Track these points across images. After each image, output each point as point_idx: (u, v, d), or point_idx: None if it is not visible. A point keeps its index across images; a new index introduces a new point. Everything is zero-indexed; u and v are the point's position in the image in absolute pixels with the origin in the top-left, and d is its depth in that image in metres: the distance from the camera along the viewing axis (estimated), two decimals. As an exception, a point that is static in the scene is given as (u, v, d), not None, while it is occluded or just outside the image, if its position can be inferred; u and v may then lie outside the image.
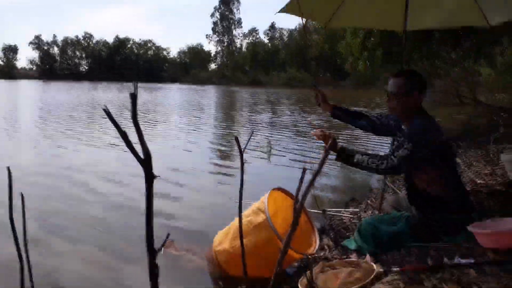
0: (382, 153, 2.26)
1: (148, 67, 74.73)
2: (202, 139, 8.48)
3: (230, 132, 9.95)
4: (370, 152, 2.48)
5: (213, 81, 57.36)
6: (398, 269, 1.86)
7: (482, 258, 1.85)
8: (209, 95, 29.13)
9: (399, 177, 4.11)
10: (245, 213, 2.36)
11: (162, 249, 2.47)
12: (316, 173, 1.78)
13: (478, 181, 3.73)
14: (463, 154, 5.59)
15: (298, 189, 1.63)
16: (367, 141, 8.00)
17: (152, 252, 1.06)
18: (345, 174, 5.65)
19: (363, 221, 2.48)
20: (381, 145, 7.32)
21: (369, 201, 3.63)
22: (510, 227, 1.97)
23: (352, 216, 3.16)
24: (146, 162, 1.02)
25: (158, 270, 1.09)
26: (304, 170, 1.68)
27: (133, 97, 1.01)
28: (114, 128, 0.70)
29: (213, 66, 74.62)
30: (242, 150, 1.85)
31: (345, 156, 2.25)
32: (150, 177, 1.03)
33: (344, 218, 3.15)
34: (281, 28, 70.59)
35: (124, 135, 0.99)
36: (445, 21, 3.95)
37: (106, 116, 0.69)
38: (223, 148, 7.62)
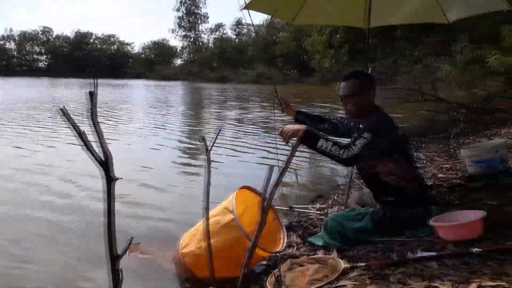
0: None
1: (111, 63, 72.30)
2: (171, 138, 8.29)
3: (199, 129, 9.84)
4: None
5: (179, 77, 56.37)
6: (364, 264, 1.89)
7: (443, 251, 1.91)
8: (177, 91, 28.70)
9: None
10: (212, 212, 2.33)
11: (127, 252, 2.39)
12: (283, 171, 1.78)
13: (439, 175, 3.86)
14: (426, 149, 5.78)
15: (265, 188, 1.62)
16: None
17: (113, 258, 1.02)
18: (312, 170, 5.71)
19: (328, 218, 2.51)
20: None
21: (335, 197, 3.68)
22: (468, 220, 2.05)
23: (319, 212, 3.18)
24: (105, 164, 0.98)
25: (120, 275, 1.05)
26: (271, 168, 1.66)
27: (92, 96, 0.96)
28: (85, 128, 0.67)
29: (179, 61, 73.40)
30: (209, 149, 1.83)
31: (310, 140, 2.19)
32: (109, 180, 0.98)
33: (311, 214, 3.17)
34: (249, 24, 70.24)
35: (80, 135, 0.94)
36: (407, 18, 4.07)
37: (70, 114, 0.65)
38: (192, 147, 7.51)
